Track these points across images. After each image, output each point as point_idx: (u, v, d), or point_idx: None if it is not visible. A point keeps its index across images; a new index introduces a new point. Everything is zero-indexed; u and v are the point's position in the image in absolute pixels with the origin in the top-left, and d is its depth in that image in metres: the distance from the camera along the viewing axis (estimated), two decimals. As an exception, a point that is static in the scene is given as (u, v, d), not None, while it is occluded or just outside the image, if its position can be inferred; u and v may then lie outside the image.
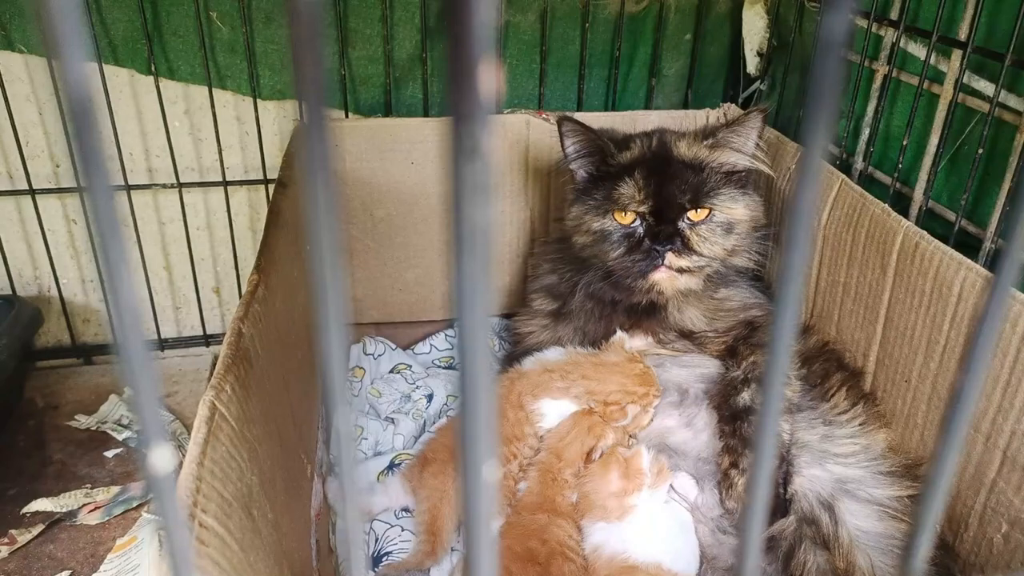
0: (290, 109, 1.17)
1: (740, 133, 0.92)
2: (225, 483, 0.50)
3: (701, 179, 0.91)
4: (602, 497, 0.81)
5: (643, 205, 0.91)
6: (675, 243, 0.89)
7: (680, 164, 0.92)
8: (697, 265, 0.91)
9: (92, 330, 1.27)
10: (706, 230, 0.91)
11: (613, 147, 0.95)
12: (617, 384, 0.87)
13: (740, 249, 0.94)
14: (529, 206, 1.18)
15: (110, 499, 0.98)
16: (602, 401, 0.87)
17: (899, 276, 0.82)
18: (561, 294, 1.03)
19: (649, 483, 0.79)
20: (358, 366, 1.09)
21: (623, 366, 0.88)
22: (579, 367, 0.90)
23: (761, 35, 1.19)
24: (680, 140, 0.94)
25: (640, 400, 0.86)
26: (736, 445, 0.83)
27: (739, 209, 0.92)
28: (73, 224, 1.19)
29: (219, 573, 0.44)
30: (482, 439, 0.16)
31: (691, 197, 0.90)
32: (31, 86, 1.10)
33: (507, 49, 1.19)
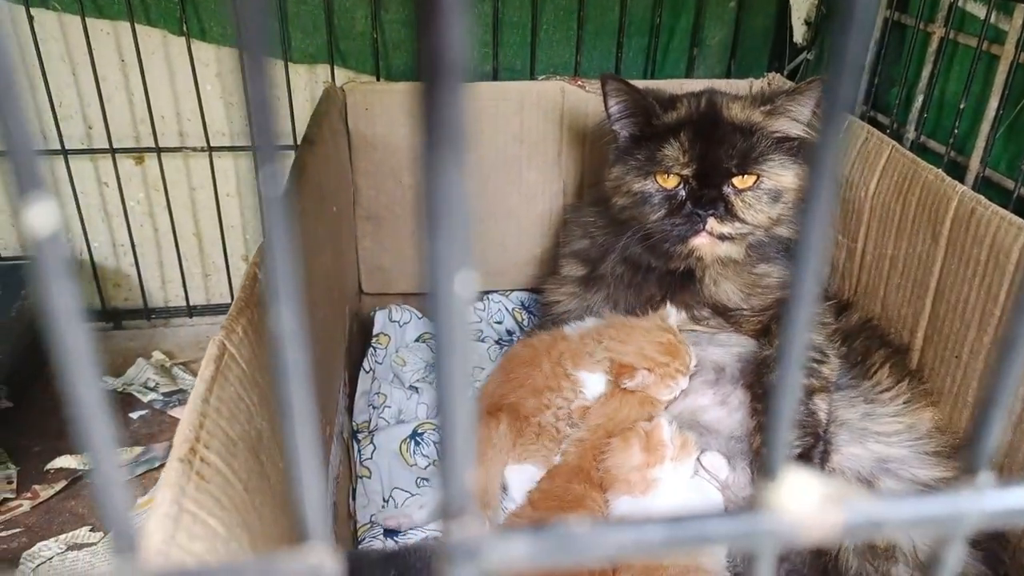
0: (321, 73, 1.15)
1: (799, 102, 0.88)
2: (232, 423, 0.48)
3: (750, 144, 0.87)
4: (624, 471, 0.77)
5: (687, 168, 0.87)
6: (718, 208, 0.86)
7: (729, 127, 0.88)
8: (740, 232, 0.88)
9: (122, 295, 1.27)
10: (752, 197, 0.87)
11: (658, 107, 0.91)
12: (636, 347, 0.84)
13: (785, 219, 0.90)
14: (562, 177, 1.15)
15: (133, 459, 0.98)
16: (617, 363, 0.83)
17: (952, 245, 0.77)
18: (592, 259, 0.99)
19: (672, 455, 0.76)
20: (383, 333, 1.07)
21: (650, 331, 0.85)
22: (609, 328, 0.87)
23: (809, 2, 1.14)
24: (732, 102, 0.90)
25: (658, 368, 0.82)
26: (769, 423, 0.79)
27: (788, 177, 0.88)
28: (105, 187, 1.19)
29: (219, 509, 0.42)
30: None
31: (738, 162, 0.86)
32: (65, 46, 1.10)
33: (543, 15, 1.15)
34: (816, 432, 0.78)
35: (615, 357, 0.84)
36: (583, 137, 1.12)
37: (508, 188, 1.14)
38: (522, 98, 1.09)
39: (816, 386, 0.81)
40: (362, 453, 0.93)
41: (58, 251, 0.14)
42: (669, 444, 0.76)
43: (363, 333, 1.11)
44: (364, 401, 0.99)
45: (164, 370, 1.14)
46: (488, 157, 1.11)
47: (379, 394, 1.00)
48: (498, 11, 1.13)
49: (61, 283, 0.14)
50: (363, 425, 0.97)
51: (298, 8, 1.10)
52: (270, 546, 0.49)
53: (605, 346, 0.85)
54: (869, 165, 0.90)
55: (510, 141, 1.11)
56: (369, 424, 0.97)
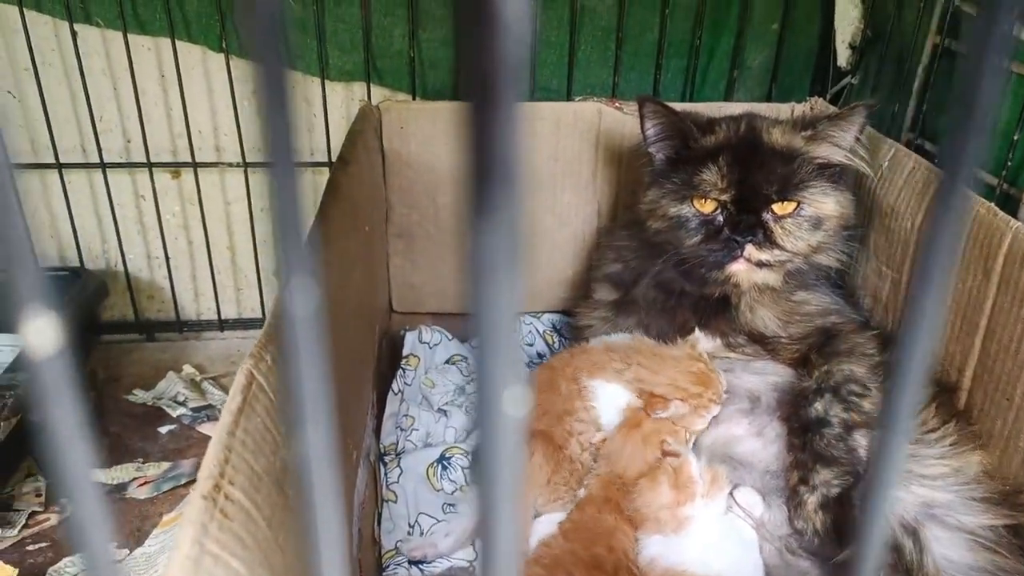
0: (358, 91, 1.15)
1: (842, 127, 0.86)
2: (257, 456, 0.47)
3: (791, 170, 0.85)
4: (654, 510, 0.75)
5: (725, 193, 0.85)
6: (756, 235, 0.84)
7: (769, 152, 0.86)
8: (778, 260, 0.85)
9: (156, 307, 1.28)
10: (792, 224, 0.85)
11: (696, 130, 0.89)
12: (668, 378, 0.81)
13: (826, 247, 0.88)
14: (597, 198, 1.13)
15: (160, 475, 0.98)
16: (648, 392, 0.81)
17: (1004, 282, 0.74)
18: (625, 283, 0.98)
19: (702, 492, 0.73)
20: (413, 354, 1.06)
21: (681, 361, 0.83)
22: (639, 353, 0.85)
23: (855, 26, 1.12)
24: (773, 127, 0.89)
25: (690, 399, 0.80)
26: (806, 460, 0.77)
27: (829, 204, 0.86)
28: (142, 200, 1.20)
29: (242, 549, 0.40)
30: (503, 358, 0.12)
31: (778, 188, 0.84)
32: (107, 61, 1.11)
33: (581, 35, 1.14)
34: (856, 471, 0.75)
35: (646, 387, 0.82)
36: (619, 159, 1.10)
37: (542, 209, 1.13)
38: (558, 119, 1.08)
39: (857, 421, 0.78)
40: (388, 476, 0.92)
41: (59, 370, 0.13)
42: (699, 480, 0.74)
43: (392, 352, 1.10)
44: (392, 423, 0.98)
45: (194, 384, 1.15)
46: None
47: (407, 416, 0.99)
48: (536, 30, 1.12)
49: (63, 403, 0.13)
50: (390, 447, 0.96)
51: (336, 26, 1.11)
52: (292, 583, 0.48)
53: (636, 374, 0.83)
54: (916, 195, 0.87)
55: (545, 161, 1.10)
56: (396, 447, 0.96)
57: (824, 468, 0.74)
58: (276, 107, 0.14)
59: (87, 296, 1.13)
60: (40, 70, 1.08)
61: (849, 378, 0.81)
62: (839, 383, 0.80)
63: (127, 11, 1.07)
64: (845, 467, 0.75)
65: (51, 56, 1.10)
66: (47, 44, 1.09)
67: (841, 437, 0.77)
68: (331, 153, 1.16)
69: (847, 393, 0.80)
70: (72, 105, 1.13)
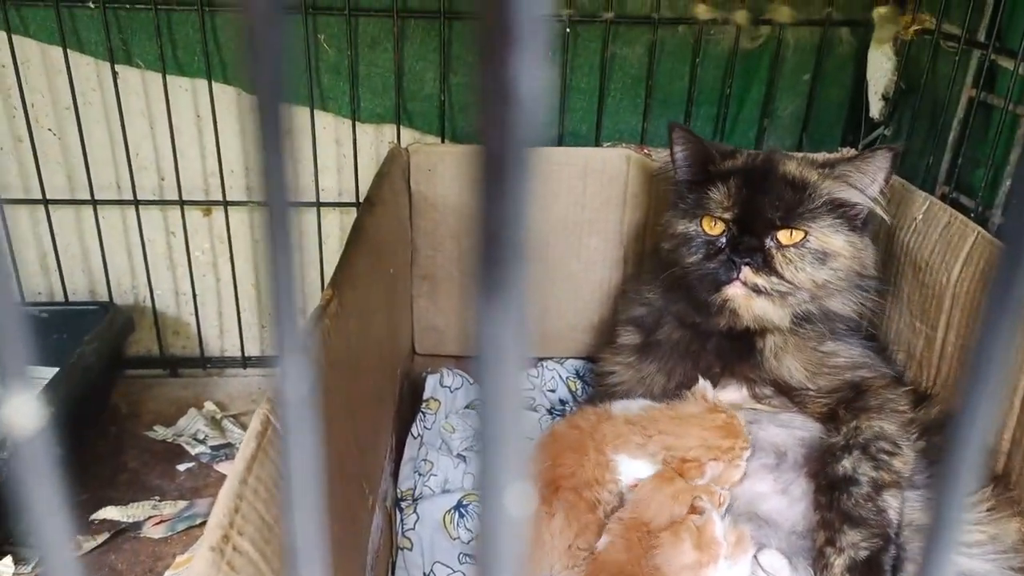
0: (388, 133, 1.16)
1: (862, 170, 0.85)
2: (269, 505, 0.46)
3: (800, 199, 0.84)
4: (675, 570, 0.72)
5: (728, 212, 0.85)
6: (755, 258, 0.83)
7: (781, 180, 0.85)
8: (776, 289, 0.84)
9: (181, 343, 1.28)
10: (795, 253, 0.84)
11: (718, 156, 0.91)
12: (697, 439, 0.79)
13: (835, 290, 0.86)
14: (624, 244, 1.12)
15: (175, 514, 0.97)
16: (680, 458, 0.79)
17: (1045, 342, 0.71)
18: (648, 327, 0.97)
19: (726, 553, 0.71)
20: (433, 398, 1.05)
21: (703, 418, 0.81)
22: (656, 422, 0.83)
23: (888, 77, 1.11)
24: (790, 160, 0.89)
25: (724, 455, 0.78)
26: (833, 519, 0.74)
27: (838, 241, 0.84)
28: (172, 236, 1.22)
29: (246, 604, 0.39)
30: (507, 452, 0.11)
31: (783, 215, 0.83)
32: (146, 100, 1.14)
33: (611, 82, 1.15)
34: (886, 533, 0.72)
35: (676, 453, 0.79)
36: (647, 206, 1.10)
37: (568, 254, 1.12)
38: (586, 164, 1.08)
39: (886, 480, 0.76)
40: (404, 523, 0.90)
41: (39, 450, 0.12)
42: (722, 542, 0.71)
43: (413, 395, 1.09)
44: (410, 468, 0.97)
45: (214, 422, 1.14)
46: (550, 221, 1.10)
47: (426, 461, 0.97)
48: (566, 76, 1.12)
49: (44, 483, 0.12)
50: (407, 493, 0.94)
51: (369, 70, 1.12)
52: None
53: (661, 443, 0.81)
54: (952, 250, 0.85)
55: (572, 207, 1.09)
56: (414, 492, 0.94)
57: (852, 529, 0.71)
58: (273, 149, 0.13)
59: (114, 331, 1.14)
60: (81, 109, 1.11)
61: (879, 435, 0.78)
62: (868, 440, 0.77)
63: (167, 53, 1.09)
64: (874, 529, 0.72)
65: (92, 96, 1.13)
66: (88, 84, 1.12)
67: (870, 497, 0.74)
68: (359, 194, 1.17)
69: (877, 451, 0.77)
70: (110, 143, 1.15)
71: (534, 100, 0.11)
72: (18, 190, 1.17)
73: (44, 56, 1.10)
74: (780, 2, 1.10)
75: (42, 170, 1.14)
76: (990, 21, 0.94)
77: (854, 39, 1.14)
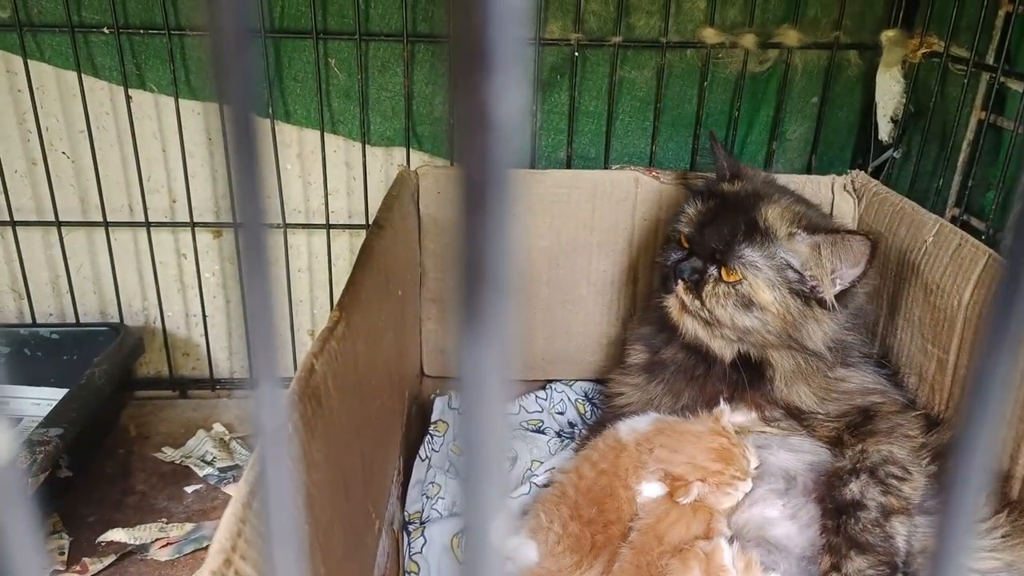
0: (397, 156, 1.17)
1: (836, 254, 0.82)
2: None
3: (754, 244, 0.84)
4: None
5: (687, 227, 0.89)
6: (690, 278, 0.87)
7: (748, 220, 0.85)
8: (700, 315, 0.87)
9: (190, 364, 1.29)
10: (723, 291, 0.85)
11: (728, 174, 0.94)
12: (687, 456, 0.79)
13: (765, 343, 0.86)
14: (633, 266, 1.12)
15: (183, 536, 0.96)
16: (668, 473, 0.79)
17: (1058, 366, 0.70)
18: (656, 345, 0.97)
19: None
20: (442, 420, 1.05)
21: (701, 437, 0.80)
22: (660, 433, 0.83)
23: (896, 100, 1.11)
24: (776, 206, 0.87)
25: (712, 478, 0.77)
26: (839, 544, 0.73)
27: (768, 296, 0.84)
28: (183, 259, 1.22)
29: (248, 630, 0.39)
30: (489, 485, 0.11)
31: (722, 252, 0.85)
32: (158, 124, 1.15)
33: (620, 106, 1.15)
34: (893, 561, 0.71)
35: (666, 467, 0.79)
36: (655, 228, 1.10)
37: (577, 276, 1.12)
38: (595, 187, 1.08)
39: (895, 506, 0.74)
40: (411, 547, 0.90)
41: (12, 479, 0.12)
42: (731, 569, 0.70)
43: (422, 417, 1.09)
44: (418, 491, 0.96)
45: (223, 444, 1.14)
46: (559, 243, 1.10)
47: (433, 483, 0.97)
48: (575, 100, 1.13)
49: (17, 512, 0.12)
50: (415, 516, 0.94)
51: (379, 94, 1.13)
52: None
53: (656, 456, 0.81)
54: (963, 273, 0.85)
55: (581, 229, 1.10)
56: (421, 515, 0.94)
57: (859, 555, 0.70)
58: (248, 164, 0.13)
59: (124, 352, 1.14)
60: (94, 133, 1.12)
61: (888, 459, 0.77)
62: (876, 464, 0.76)
63: (179, 78, 1.10)
64: (881, 556, 0.71)
65: (105, 120, 1.14)
66: (102, 108, 1.13)
67: (878, 523, 0.73)
68: (368, 215, 1.17)
69: (885, 475, 0.76)
70: (122, 166, 1.16)
71: (510, 124, 0.11)
72: (31, 212, 1.18)
73: (59, 81, 1.12)
74: (788, 26, 1.10)
75: (56, 193, 1.15)
76: (999, 44, 0.94)
77: (862, 62, 1.14)
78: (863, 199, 1.07)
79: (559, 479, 0.89)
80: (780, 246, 0.84)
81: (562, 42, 1.09)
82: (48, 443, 0.90)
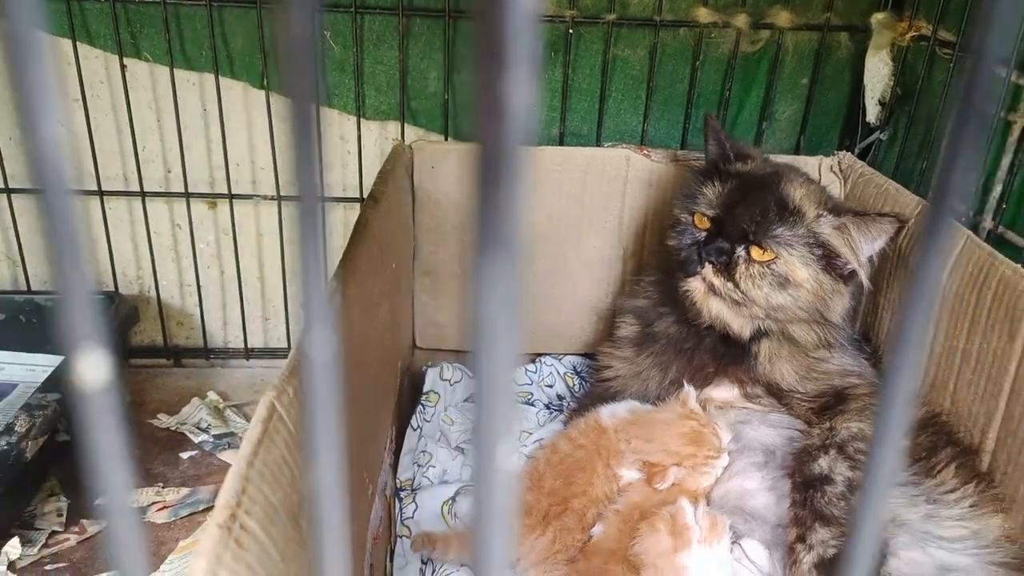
0: (392, 130, 1.18)
1: (862, 229, 0.86)
2: (275, 488, 0.48)
3: (784, 224, 0.86)
4: (653, 557, 0.75)
5: (713, 211, 0.89)
6: (719, 259, 0.87)
7: (775, 198, 0.87)
8: (731, 296, 0.87)
9: (184, 333, 1.30)
10: (758, 271, 0.86)
11: (733, 156, 0.94)
12: (660, 444, 0.82)
13: (795, 318, 0.89)
14: (623, 243, 1.14)
15: (178, 500, 0.99)
16: (646, 463, 0.82)
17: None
18: (649, 318, 0.99)
19: (699, 537, 0.73)
20: (433, 390, 1.07)
21: (671, 424, 0.83)
22: (635, 425, 0.86)
23: (884, 83, 1.12)
24: (799, 184, 0.90)
25: (686, 461, 0.80)
26: (805, 517, 0.76)
27: (804, 274, 0.86)
28: (177, 228, 1.23)
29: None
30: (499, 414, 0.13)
31: (757, 231, 0.86)
32: (153, 94, 1.16)
33: (612, 83, 1.16)
34: None
35: (643, 457, 0.82)
36: (645, 205, 1.12)
37: (567, 251, 1.14)
38: (587, 164, 1.10)
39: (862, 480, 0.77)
40: (403, 512, 0.92)
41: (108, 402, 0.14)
42: (695, 526, 0.73)
43: (414, 388, 1.11)
44: (409, 459, 0.99)
45: (217, 412, 1.16)
46: (550, 219, 1.12)
47: (424, 452, 0.99)
48: (568, 77, 1.14)
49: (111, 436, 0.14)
50: (406, 483, 0.96)
51: (374, 68, 1.14)
52: (302, 617, 0.48)
53: (633, 447, 0.84)
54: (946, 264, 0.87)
55: (572, 205, 1.11)
56: (412, 482, 0.96)
57: (823, 527, 0.73)
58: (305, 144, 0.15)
59: (119, 321, 1.16)
60: (89, 102, 1.13)
61: (856, 436, 0.80)
62: (845, 440, 0.79)
63: (175, 47, 1.11)
64: (844, 528, 0.74)
65: (100, 88, 1.14)
66: (97, 77, 1.14)
67: (843, 496, 0.76)
68: (363, 189, 1.19)
69: (854, 451, 0.79)
70: (117, 136, 1.17)
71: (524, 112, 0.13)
72: (25, 179, 1.19)
73: (53, 48, 1.12)
74: (780, 7, 1.11)
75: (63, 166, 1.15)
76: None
77: (852, 44, 1.16)
78: (849, 180, 1.09)
79: (536, 454, 0.92)
80: (808, 223, 0.87)
81: (557, 19, 1.10)
82: (47, 407, 0.92)
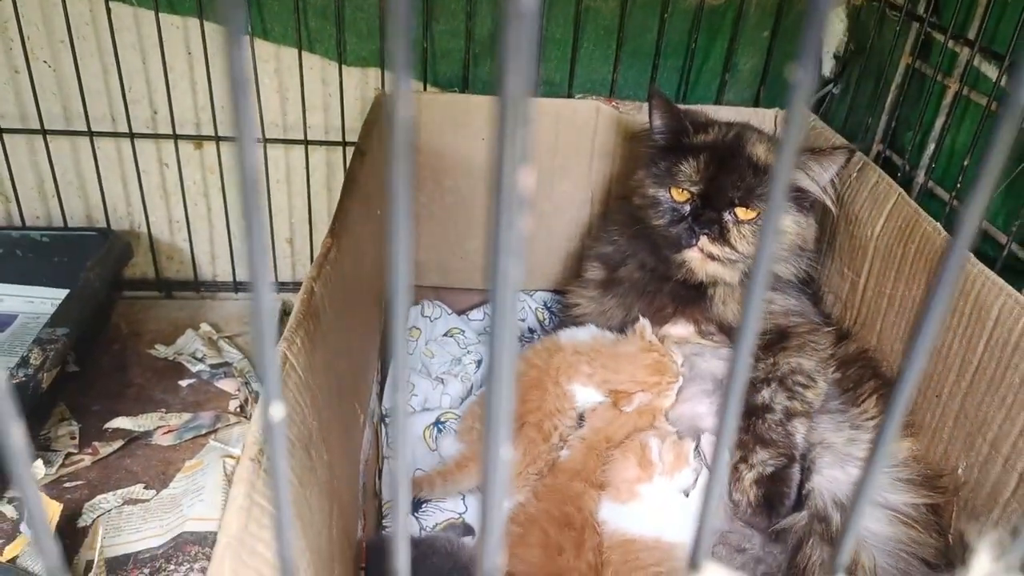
0: (372, 76, 1.22)
1: (822, 164, 0.95)
2: (290, 425, 0.57)
3: (760, 181, 0.94)
4: (616, 481, 0.86)
5: (695, 186, 0.95)
6: (713, 229, 0.94)
7: (747, 161, 0.95)
8: (728, 258, 0.95)
9: (175, 267, 1.37)
10: (748, 229, 0.94)
11: (691, 128, 1.00)
12: (628, 374, 0.92)
13: (780, 259, 0.98)
14: (591, 189, 1.22)
15: (181, 424, 1.08)
16: (614, 390, 0.92)
17: (942, 295, 0.83)
18: (614, 263, 1.08)
19: (661, 471, 0.84)
20: (415, 327, 1.16)
21: (636, 356, 0.93)
22: (601, 354, 0.95)
23: (839, 38, 1.19)
24: (760, 142, 0.98)
25: (652, 388, 0.91)
26: (748, 441, 0.87)
27: (787, 221, 0.95)
28: (165, 167, 1.28)
29: (280, 502, 0.50)
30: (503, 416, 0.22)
31: (742, 195, 0.93)
32: (138, 36, 1.18)
33: (584, 33, 1.22)
34: (790, 454, 0.86)
35: (612, 386, 0.92)
36: (612, 154, 1.19)
37: (540, 196, 1.22)
38: (559, 114, 1.16)
39: (797, 409, 0.89)
40: (389, 436, 1.03)
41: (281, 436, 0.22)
42: (657, 463, 0.84)
43: (395, 322, 1.20)
44: (393, 388, 1.08)
45: (211, 342, 1.24)
46: (522, 164, 1.18)
47: (407, 383, 1.09)
48: (542, 27, 1.19)
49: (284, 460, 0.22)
50: (391, 411, 1.06)
51: (355, 14, 1.18)
52: (316, 530, 0.58)
53: (600, 377, 0.93)
54: (877, 207, 0.97)
55: (545, 153, 1.18)
56: (396, 409, 1.06)
57: (762, 449, 0.85)
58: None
59: (114, 256, 1.22)
60: (75, 43, 1.15)
61: (796, 370, 0.91)
62: (785, 374, 0.90)
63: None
64: (781, 449, 0.85)
65: (86, 31, 1.17)
66: (82, 19, 1.16)
67: (781, 423, 0.87)
68: (345, 132, 1.24)
69: (793, 384, 0.91)
70: (104, 77, 1.20)
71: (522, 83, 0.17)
72: (15, 119, 1.22)
73: (39, -9, 1.14)
74: (745, -39, 1.16)
75: (40, 101, 1.19)
76: (930, -5, 1.03)
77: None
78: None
79: None
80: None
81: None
82: (57, 341, 0.99)
